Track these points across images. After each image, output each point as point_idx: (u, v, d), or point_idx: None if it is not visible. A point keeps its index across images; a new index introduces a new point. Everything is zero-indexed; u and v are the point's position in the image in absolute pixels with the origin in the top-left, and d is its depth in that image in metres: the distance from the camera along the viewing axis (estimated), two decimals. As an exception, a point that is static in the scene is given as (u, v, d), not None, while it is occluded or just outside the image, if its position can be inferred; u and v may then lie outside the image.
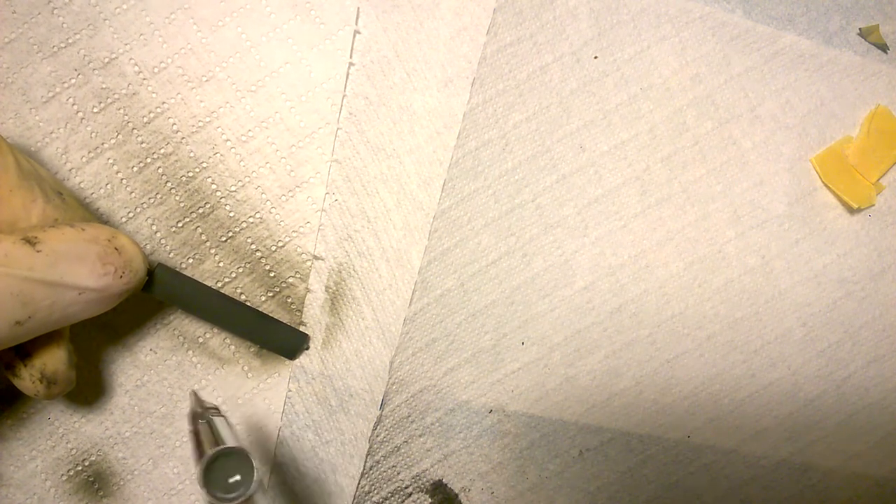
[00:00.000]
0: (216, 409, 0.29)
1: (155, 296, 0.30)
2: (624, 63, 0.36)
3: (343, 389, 0.34)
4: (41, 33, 0.33)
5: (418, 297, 0.34)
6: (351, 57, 0.34)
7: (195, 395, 0.32)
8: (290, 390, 0.33)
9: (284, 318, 0.33)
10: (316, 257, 0.33)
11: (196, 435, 0.27)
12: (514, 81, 0.35)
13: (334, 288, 0.34)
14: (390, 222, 0.34)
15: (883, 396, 0.37)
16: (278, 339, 0.32)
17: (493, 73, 0.35)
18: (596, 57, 0.36)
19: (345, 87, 0.34)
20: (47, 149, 0.32)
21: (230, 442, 0.25)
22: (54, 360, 0.27)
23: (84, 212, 0.28)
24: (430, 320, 0.34)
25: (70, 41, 0.33)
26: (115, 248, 0.26)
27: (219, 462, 0.24)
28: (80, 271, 0.25)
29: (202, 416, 0.27)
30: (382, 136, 0.34)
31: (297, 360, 0.33)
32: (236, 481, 0.23)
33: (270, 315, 0.33)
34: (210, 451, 0.23)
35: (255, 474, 0.23)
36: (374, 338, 0.34)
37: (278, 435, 0.33)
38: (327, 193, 0.34)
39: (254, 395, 0.33)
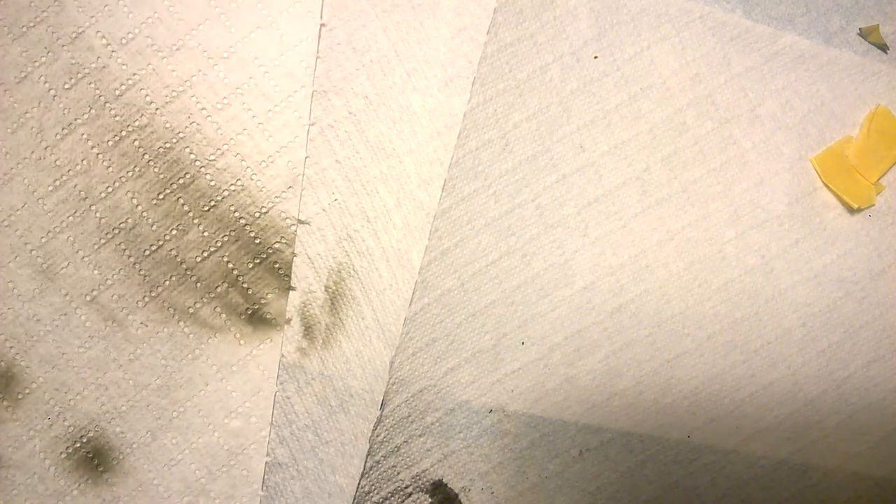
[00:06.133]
0: None
1: None
2: (624, 63, 0.36)
3: (343, 389, 0.34)
4: (10, 14, 0.33)
5: (418, 296, 0.34)
6: (321, 18, 0.34)
7: None
8: (289, 391, 0.33)
9: (273, 283, 0.34)
10: (301, 222, 0.33)
11: None
12: (515, 81, 0.35)
13: (334, 288, 0.34)
14: (390, 222, 0.34)
15: (883, 396, 0.37)
16: None
17: (493, 73, 0.35)
18: (596, 57, 0.36)
19: (317, 49, 0.34)
20: (22, 129, 0.33)
21: None
22: None
23: None
24: (430, 320, 0.34)
25: (38, 19, 0.33)
26: None
27: None
28: None
29: None
30: (382, 136, 0.34)
31: (296, 361, 0.33)
32: None
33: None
34: None
35: None
36: (374, 338, 0.34)
37: (274, 400, 0.33)
38: (307, 157, 0.34)
39: (247, 362, 0.33)
